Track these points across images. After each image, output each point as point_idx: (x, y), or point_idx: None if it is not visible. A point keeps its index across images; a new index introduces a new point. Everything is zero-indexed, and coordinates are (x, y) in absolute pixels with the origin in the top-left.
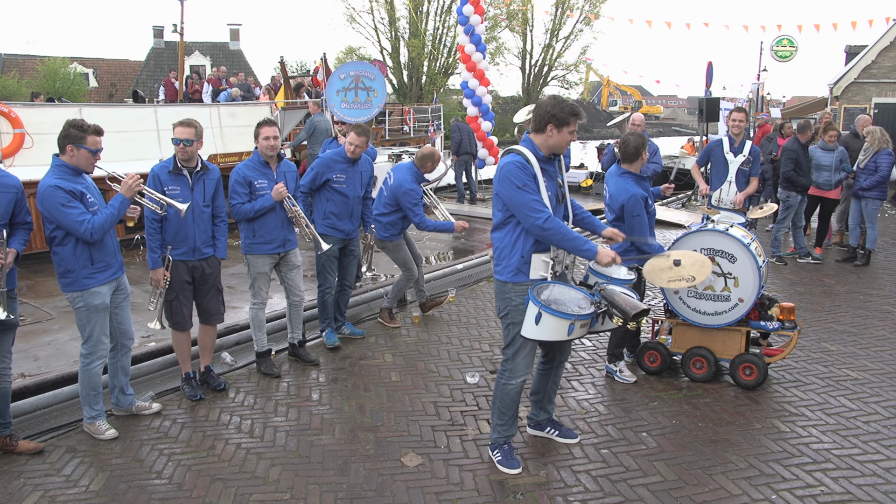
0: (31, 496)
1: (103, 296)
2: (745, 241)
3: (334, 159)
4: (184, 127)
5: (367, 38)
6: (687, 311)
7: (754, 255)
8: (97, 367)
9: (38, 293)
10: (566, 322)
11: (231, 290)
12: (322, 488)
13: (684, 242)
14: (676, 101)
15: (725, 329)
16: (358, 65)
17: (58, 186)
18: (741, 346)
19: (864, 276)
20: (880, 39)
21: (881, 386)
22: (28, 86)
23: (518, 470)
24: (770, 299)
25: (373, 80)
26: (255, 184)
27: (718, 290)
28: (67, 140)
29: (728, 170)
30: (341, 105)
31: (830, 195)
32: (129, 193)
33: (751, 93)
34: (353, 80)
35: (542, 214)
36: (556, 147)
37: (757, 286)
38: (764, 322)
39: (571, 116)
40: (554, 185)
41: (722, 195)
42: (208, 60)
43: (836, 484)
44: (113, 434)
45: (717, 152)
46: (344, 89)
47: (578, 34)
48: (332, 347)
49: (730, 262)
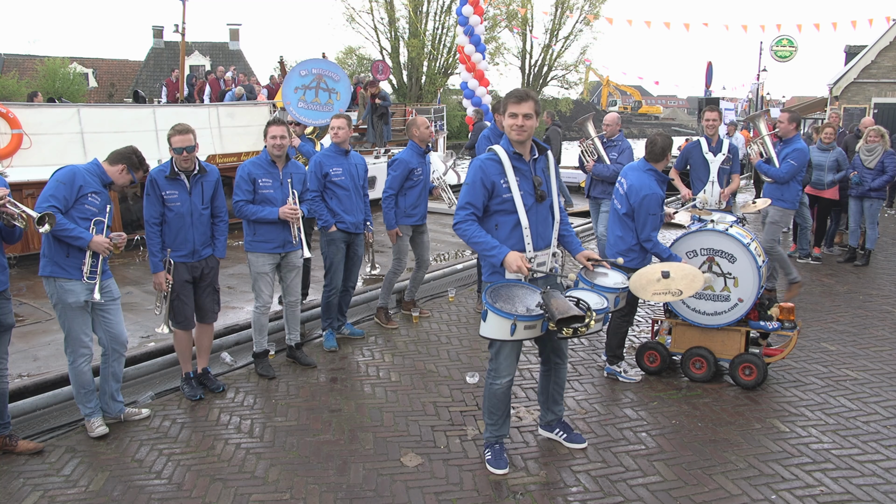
0: (30, 496)
1: (77, 294)
2: (744, 241)
3: (326, 154)
4: (182, 135)
5: (367, 38)
6: (686, 311)
7: (754, 255)
8: (82, 366)
9: (37, 293)
10: (507, 322)
11: (231, 290)
12: (322, 488)
13: (684, 242)
14: (676, 101)
15: (725, 329)
16: (323, 62)
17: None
18: (741, 346)
19: (863, 277)
20: (880, 39)
21: (881, 386)
22: (27, 86)
23: (504, 470)
24: (770, 298)
25: (336, 82)
26: (259, 182)
27: (718, 289)
28: (125, 161)
29: (709, 170)
30: (298, 104)
31: (826, 195)
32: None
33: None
34: (314, 79)
35: (459, 213)
36: (510, 135)
37: (756, 286)
38: (763, 322)
39: (508, 100)
40: (528, 183)
41: (707, 196)
42: (208, 60)
43: (835, 484)
44: (102, 431)
45: (695, 154)
46: (304, 87)
47: (578, 34)
48: (329, 350)
49: (729, 262)
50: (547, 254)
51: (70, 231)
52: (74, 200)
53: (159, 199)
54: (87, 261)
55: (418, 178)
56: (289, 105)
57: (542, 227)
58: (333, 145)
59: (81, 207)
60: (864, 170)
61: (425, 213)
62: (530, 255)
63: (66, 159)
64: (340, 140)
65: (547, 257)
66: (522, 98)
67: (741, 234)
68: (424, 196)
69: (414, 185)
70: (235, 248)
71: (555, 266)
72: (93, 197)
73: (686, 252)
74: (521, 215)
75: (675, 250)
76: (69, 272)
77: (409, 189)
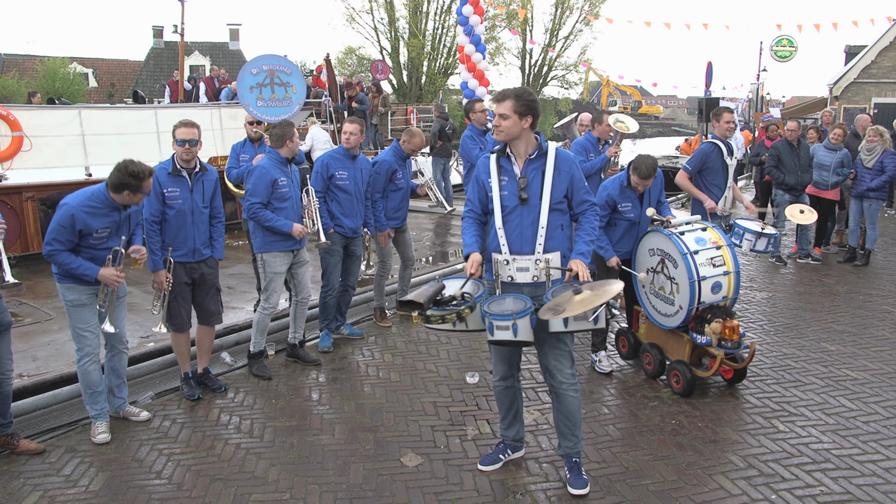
0: (30, 496)
1: (79, 291)
2: (684, 249)
3: (333, 157)
4: (187, 127)
5: (367, 38)
6: (649, 307)
7: (689, 266)
8: (87, 365)
9: (37, 293)
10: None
11: (231, 290)
12: (321, 488)
13: (646, 240)
14: (676, 101)
15: (675, 332)
16: (271, 58)
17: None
18: (685, 352)
19: (863, 277)
20: (880, 39)
21: (881, 386)
22: (27, 86)
23: (487, 468)
24: (718, 311)
25: (289, 75)
26: (278, 181)
27: (667, 292)
28: (125, 188)
29: (727, 175)
30: (257, 103)
31: (827, 195)
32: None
33: (750, 93)
34: (267, 76)
35: (464, 210)
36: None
37: (690, 297)
38: (695, 335)
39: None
40: (513, 184)
41: (725, 203)
42: (208, 60)
43: (835, 484)
44: (103, 439)
45: (714, 158)
46: (258, 85)
47: (578, 34)
48: (323, 351)
49: (674, 267)
50: (530, 260)
51: (76, 269)
52: (79, 239)
53: (159, 197)
54: (101, 290)
55: (401, 182)
56: (248, 106)
57: (526, 231)
58: (342, 148)
59: (88, 242)
60: (863, 170)
61: (406, 215)
62: (505, 258)
63: (67, 162)
64: (352, 146)
65: (530, 264)
66: (499, 98)
67: (695, 238)
68: (406, 200)
69: (397, 188)
70: (235, 249)
71: (534, 274)
72: (100, 232)
73: (647, 249)
74: (496, 216)
75: (640, 246)
76: (81, 283)
77: (392, 192)
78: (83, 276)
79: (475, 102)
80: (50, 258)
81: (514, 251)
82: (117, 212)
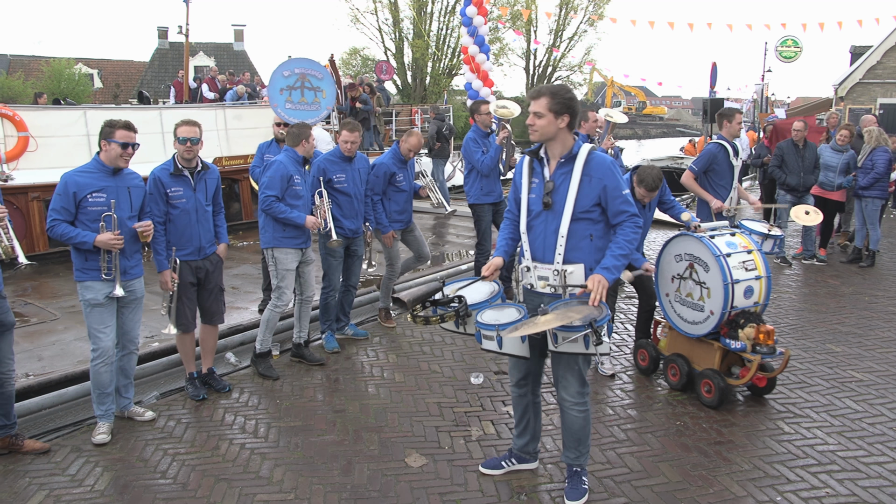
0: (36, 495)
1: (95, 291)
2: (717, 252)
3: (329, 160)
4: (188, 126)
5: (371, 39)
6: (673, 316)
7: (723, 269)
8: (100, 366)
9: (42, 294)
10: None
11: (235, 290)
12: (326, 489)
13: (673, 245)
14: (680, 102)
15: (703, 340)
16: (304, 62)
17: (75, 174)
18: (715, 360)
19: (869, 278)
20: (885, 39)
21: (886, 388)
22: (33, 86)
23: (488, 471)
24: (750, 316)
25: (320, 80)
26: (294, 178)
27: (696, 298)
28: (102, 136)
29: (734, 175)
30: (286, 105)
31: (833, 196)
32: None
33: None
34: (298, 79)
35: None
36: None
37: (724, 300)
38: (728, 340)
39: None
40: (541, 187)
41: (731, 203)
42: (213, 61)
43: (841, 486)
44: (102, 440)
45: (722, 159)
46: (288, 88)
47: (582, 35)
48: (331, 352)
49: (704, 272)
50: (550, 269)
51: (74, 238)
52: (76, 206)
53: (163, 198)
54: (102, 258)
55: (402, 184)
56: (276, 107)
57: (549, 239)
58: (338, 150)
59: (86, 210)
60: (858, 170)
61: (411, 216)
62: (527, 264)
63: (73, 162)
64: (351, 154)
65: (550, 273)
66: (534, 95)
67: (725, 242)
68: (410, 202)
69: (399, 190)
70: (239, 249)
71: (552, 285)
72: (94, 196)
73: (674, 255)
74: (522, 220)
75: (665, 252)
76: (89, 274)
77: (395, 194)
78: (82, 245)
79: (481, 104)
80: (51, 232)
81: (535, 258)
82: (111, 177)
